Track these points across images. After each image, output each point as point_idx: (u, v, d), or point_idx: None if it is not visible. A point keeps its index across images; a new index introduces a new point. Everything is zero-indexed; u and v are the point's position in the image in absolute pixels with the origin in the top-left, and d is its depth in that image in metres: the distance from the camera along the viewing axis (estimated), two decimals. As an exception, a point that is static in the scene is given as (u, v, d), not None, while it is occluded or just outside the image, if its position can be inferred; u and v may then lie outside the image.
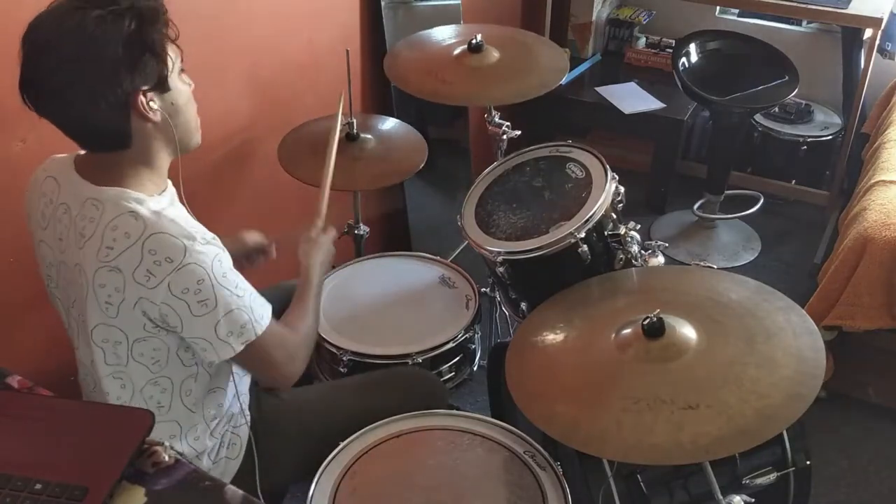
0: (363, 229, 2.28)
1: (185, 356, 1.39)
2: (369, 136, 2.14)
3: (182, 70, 1.35)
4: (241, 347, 1.35)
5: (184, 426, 1.46)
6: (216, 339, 1.32)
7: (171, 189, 1.40)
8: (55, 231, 1.35)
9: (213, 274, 1.29)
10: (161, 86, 1.29)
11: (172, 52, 1.31)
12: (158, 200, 1.32)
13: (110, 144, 1.30)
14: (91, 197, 1.30)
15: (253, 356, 1.38)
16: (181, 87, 1.34)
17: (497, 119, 2.21)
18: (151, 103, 1.28)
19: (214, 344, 1.33)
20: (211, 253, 1.30)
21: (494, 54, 2.13)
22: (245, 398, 1.58)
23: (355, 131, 2.11)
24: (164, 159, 1.37)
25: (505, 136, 2.19)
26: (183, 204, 1.40)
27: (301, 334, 1.49)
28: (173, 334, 1.34)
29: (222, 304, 1.30)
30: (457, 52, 2.15)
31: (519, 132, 2.20)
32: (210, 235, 1.32)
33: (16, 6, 1.50)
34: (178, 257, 1.26)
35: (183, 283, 1.27)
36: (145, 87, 1.26)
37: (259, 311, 1.37)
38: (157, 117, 1.29)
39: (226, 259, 1.33)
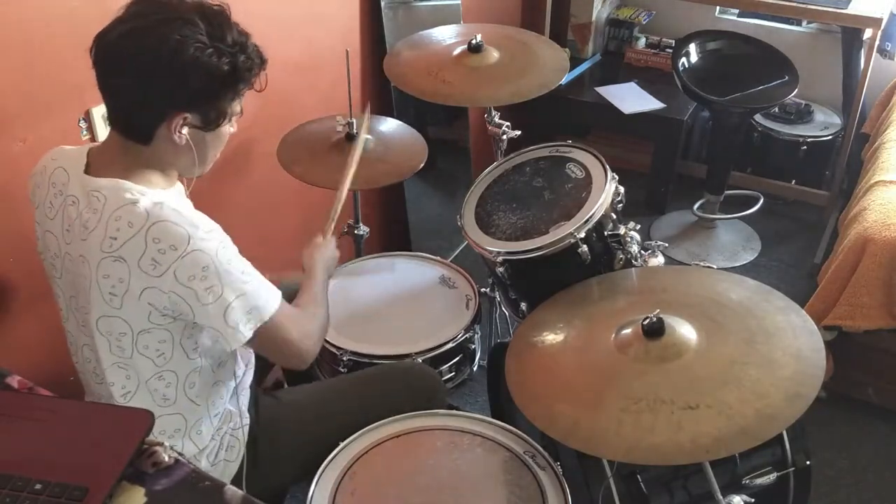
0: (363, 229, 2.28)
1: (189, 346, 1.39)
2: (369, 137, 2.14)
3: (238, 115, 1.39)
4: (251, 334, 1.35)
5: (189, 419, 1.46)
6: (226, 327, 1.32)
7: (179, 185, 1.42)
8: (63, 222, 1.36)
9: (218, 260, 1.30)
10: (205, 127, 1.33)
11: (239, 105, 1.36)
12: (161, 193, 1.34)
13: (132, 134, 1.33)
14: (93, 189, 1.32)
15: (267, 338, 1.39)
16: (224, 129, 1.38)
17: (497, 119, 2.21)
18: (183, 129, 1.31)
19: (225, 333, 1.33)
20: (215, 240, 1.31)
21: (494, 54, 2.13)
22: (245, 398, 1.58)
23: (355, 131, 2.11)
24: (174, 171, 1.40)
25: (505, 136, 2.19)
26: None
27: (311, 313, 1.50)
28: (179, 323, 1.35)
29: (229, 290, 1.31)
30: (457, 52, 2.15)
31: (519, 132, 2.20)
32: (214, 224, 1.34)
33: (16, 7, 1.51)
34: (182, 245, 1.27)
35: (188, 271, 1.28)
36: (189, 118, 1.30)
37: (267, 294, 1.37)
38: (181, 142, 1.32)
39: (230, 246, 1.34)
